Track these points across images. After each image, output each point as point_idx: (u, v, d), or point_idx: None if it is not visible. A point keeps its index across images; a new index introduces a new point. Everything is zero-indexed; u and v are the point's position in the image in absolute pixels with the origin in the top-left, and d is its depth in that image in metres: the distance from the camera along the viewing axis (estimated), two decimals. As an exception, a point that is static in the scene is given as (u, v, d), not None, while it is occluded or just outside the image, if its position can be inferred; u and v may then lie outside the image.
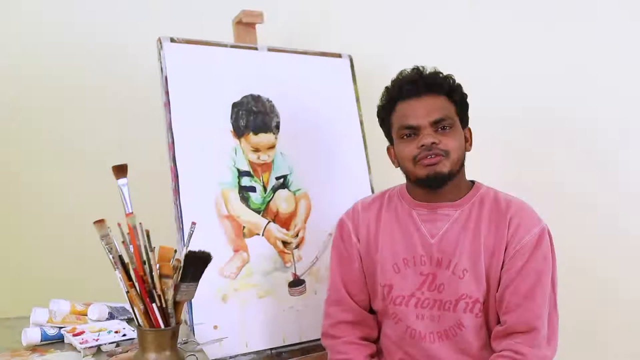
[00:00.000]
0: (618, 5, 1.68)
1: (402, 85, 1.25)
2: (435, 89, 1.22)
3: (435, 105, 1.21)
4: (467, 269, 1.20)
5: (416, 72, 1.26)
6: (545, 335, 1.16)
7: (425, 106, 1.21)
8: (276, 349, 1.50)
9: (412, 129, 1.21)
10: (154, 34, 1.51)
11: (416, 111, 1.21)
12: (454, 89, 1.25)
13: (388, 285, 1.27)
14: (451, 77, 1.26)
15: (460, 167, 1.24)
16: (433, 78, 1.24)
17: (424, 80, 1.23)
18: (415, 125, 1.21)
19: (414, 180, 1.24)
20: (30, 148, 1.91)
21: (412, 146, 1.21)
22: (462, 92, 1.26)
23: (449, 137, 1.20)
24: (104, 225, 0.96)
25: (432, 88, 1.22)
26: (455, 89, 1.25)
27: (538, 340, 1.15)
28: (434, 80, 1.23)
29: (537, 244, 1.18)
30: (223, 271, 1.46)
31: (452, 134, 1.21)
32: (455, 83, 1.26)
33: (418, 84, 1.23)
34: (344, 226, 1.35)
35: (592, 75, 1.71)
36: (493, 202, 1.24)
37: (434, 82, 1.23)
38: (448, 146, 1.19)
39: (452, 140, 1.20)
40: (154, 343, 0.95)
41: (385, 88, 1.30)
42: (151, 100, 1.68)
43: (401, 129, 1.23)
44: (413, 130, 1.21)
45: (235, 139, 1.55)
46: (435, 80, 1.23)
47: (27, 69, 1.90)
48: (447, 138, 1.20)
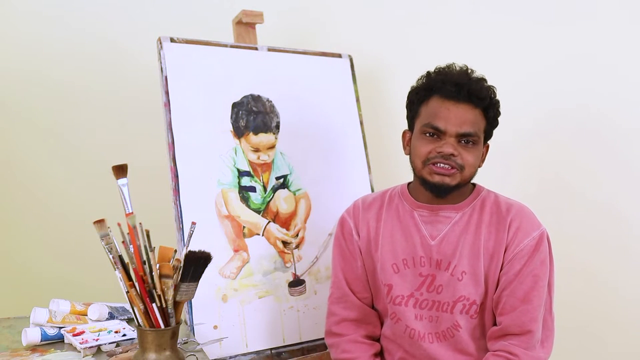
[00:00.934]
0: (620, 5, 1.68)
1: (446, 82, 1.19)
2: (475, 101, 1.18)
3: (469, 117, 1.18)
4: (466, 272, 1.20)
5: (465, 75, 1.21)
6: (539, 338, 1.18)
7: (460, 115, 1.17)
8: (276, 349, 1.50)
9: (438, 131, 1.18)
10: (154, 34, 1.51)
11: (449, 116, 1.17)
12: (492, 104, 1.21)
13: (388, 284, 1.27)
14: (493, 90, 1.22)
15: (469, 181, 1.23)
16: (478, 88, 1.18)
17: (469, 86, 1.17)
18: (443, 130, 1.18)
19: (419, 178, 1.23)
20: (30, 148, 1.91)
21: (430, 147, 1.19)
22: (498, 109, 1.23)
23: (470, 153, 1.18)
24: (104, 225, 0.96)
25: (473, 99, 1.18)
26: (493, 105, 1.21)
27: (532, 343, 1.16)
28: (479, 91, 1.18)
29: (535, 248, 1.18)
30: (223, 271, 1.46)
31: (473, 150, 1.19)
32: (495, 98, 1.22)
33: (462, 89, 1.17)
34: (345, 223, 1.35)
35: (592, 75, 1.71)
36: (494, 205, 1.24)
37: (477, 94, 1.18)
38: (465, 161, 1.18)
39: (471, 156, 1.19)
40: (154, 343, 0.95)
41: (427, 72, 1.25)
42: (151, 100, 1.68)
43: (427, 126, 1.20)
44: (438, 133, 1.19)
45: (235, 139, 1.55)
46: (480, 92, 1.18)
47: (27, 69, 1.90)
48: (467, 153, 1.18)
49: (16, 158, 1.90)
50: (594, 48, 1.70)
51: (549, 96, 1.77)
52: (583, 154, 1.74)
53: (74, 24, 1.94)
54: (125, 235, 0.97)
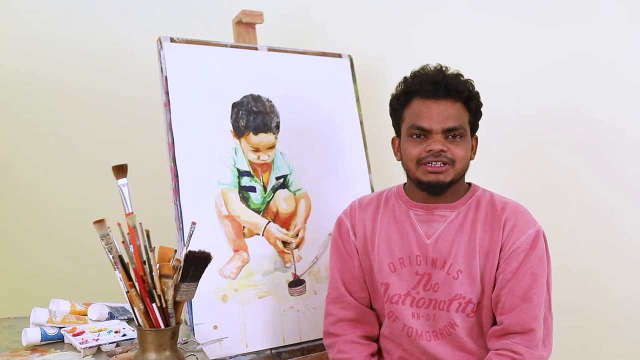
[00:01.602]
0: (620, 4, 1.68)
1: (423, 83, 1.22)
2: (454, 95, 1.21)
3: (451, 112, 1.20)
4: (462, 270, 1.21)
5: (439, 72, 1.23)
6: (541, 337, 1.18)
7: (442, 111, 1.20)
8: (276, 349, 1.50)
9: (424, 131, 1.20)
10: (154, 34, 1.51)
11: (431, 114, 1.20)
12: (472, 96, 1.23)
13: (384, 283, 1.27)
14: (471, 83, 1.24)
15: (462, 175, 1.24)
16: (455, 83, 1.21)
17: (445, 82, 1.20)
18: (428, 129, 1.20)
19: (414, 180, 1.25)
20: (30, 148, 1.91)
21: (419, 148, 1.21)
22: (479, 100, 1.25)
23: (458, 147, 1.20)
24: (104, 225, 0.96)
25: (452, 93, 1.20)
26: (473, 97, 1.23)
27: (535, 341, 1.16)
28: (456, 85, 1.20)
29: (532, 246, 1.18)
30: (223, 271, 1.46)
31: (461, 143, 1.21)
32: (474, 90, 1.24)
33: (440, 86, 1.20)
34: (342, 224, 1.36)
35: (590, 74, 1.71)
36: (489, 204, 1.24)
37: (455, 88, 1.20)
38: (455, 155, 1.19)
39: (460, 149, 1.20)
40: (154, 343, 0.95)
41: (404, 78, 1.27)
42: (151, 101, 1.68)
43: (412, 128, 1.22)
44: (424, 133, 1.20)
45: (235, 139, 1.55)
46: (457, 86, 1.20)
47: (27, 69, 1.90)
48: (456, 147, 1.20)
49: (16, 158, 1.90)
50: (592, 48, 1.71)
51: (549, 96, 1.77)
52: (580, 154, 1.74)
53: (74, 24, 1.94)
54: (125, 235, 0.97)
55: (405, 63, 1.30)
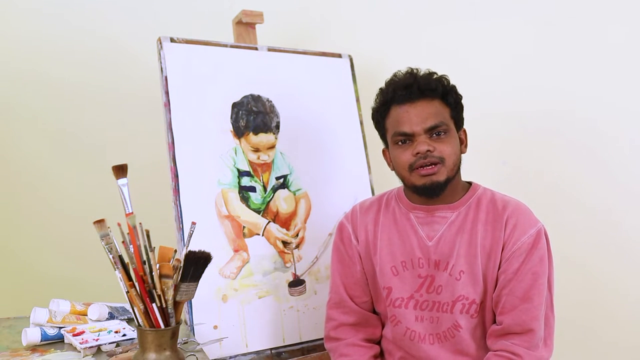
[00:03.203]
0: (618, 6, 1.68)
1: (396, 90, 1.23)
2: (429, 93, 1.21)
3: (429, 110, 1.20)
4: (464, 271, 1.20)
5: (410, 76, 1.24)
6: (541, 337, 1.17)
7: (420, 112, 1.20)
8: (276, 349, 1.50)
9: (407, 135, 1.20)
10: (154, 34, 1.51)
11: (410, 118, 1.20)
12: (447, 91, 1.23)
13: (387, 287, 1.27)
14: (445, 78, 1.24)
15: (457, 171, 1.24)
16: (427, 82, 1.21)
17: (417, 84, 1.20)
18: (410, 133, 1.20)
19: (410, 187, 1.24)
20: (30, 148, 1.91)
21: (407, 153, 1.20)
22: (456, 93, 1.25)
23: (444, 144, 1.20)
24: (104, 225, 0.96)
25: (426, 92, 1.21)
26: (449, 91, 1.23)
27: (534, 342, 1.15)
28: (428, 84, 1.21)
29: (533, 245, 1.18)
30: (223, 271, 1.46)
31: (447, 139, 1.20)
32: (449, 85, 1.24)
33: (412, 88, 1.20)
34: (343, 229, 1.36)
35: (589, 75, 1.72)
36: (490, 203, 1.24)
37: (427, 87, 1.20)
38: (443, 153, 1.19)
39: (447, 146, 1.20)
40: (154, 343, 0.95)
41: (379, 90, 1.28)
42: (151, 100, 1.68)
43: (395, 135, 1.22)
44: (407, 137, 1.21)
45: (235, 139, 1.55)
46: (429, 85, 1.21)
47: (27, 68, 1.90)
48: (442, 144, 1.19)
49: (16, 157, 1.90)
50: (592, 48, 1.71)
51: (549, 96, 1.77)
52: (580, 153, 1.74)
53: (74, 24, 1.94)
54: (125, 235, 0.97)
55: (405, 63, 1.30)
